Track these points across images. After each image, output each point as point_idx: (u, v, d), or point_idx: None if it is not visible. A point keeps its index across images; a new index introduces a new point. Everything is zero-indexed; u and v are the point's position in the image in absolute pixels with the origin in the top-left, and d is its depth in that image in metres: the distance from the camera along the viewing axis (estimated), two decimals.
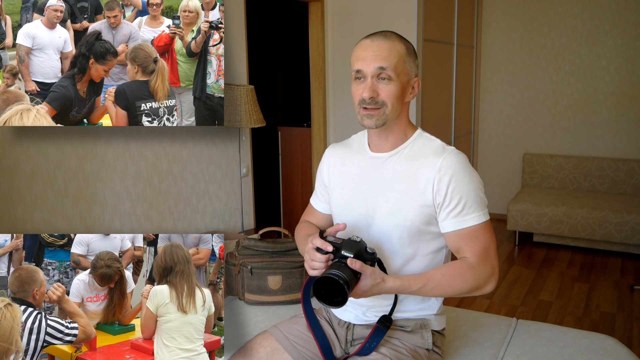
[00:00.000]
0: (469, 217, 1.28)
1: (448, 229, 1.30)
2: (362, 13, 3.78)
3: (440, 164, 1.29)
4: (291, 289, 2.01)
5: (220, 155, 3.18)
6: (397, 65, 1.27)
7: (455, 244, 1.31)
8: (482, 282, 1.28)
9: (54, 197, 2.36)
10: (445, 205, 1.28)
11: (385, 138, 1.37)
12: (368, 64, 1.27)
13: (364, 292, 1.20)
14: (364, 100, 1.28)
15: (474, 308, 3.19)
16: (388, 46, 1.28)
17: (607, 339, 1.64)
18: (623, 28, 4.37)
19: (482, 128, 5.11)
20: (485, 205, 1.31)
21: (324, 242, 1.23)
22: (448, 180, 1.27)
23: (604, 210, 3.97)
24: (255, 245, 2.08)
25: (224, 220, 3.26)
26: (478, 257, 1.28)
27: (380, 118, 1.29)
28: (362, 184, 1.39)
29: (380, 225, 1.34)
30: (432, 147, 1.35)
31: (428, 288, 1.26)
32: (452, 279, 1.26)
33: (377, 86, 1.27)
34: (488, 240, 1.29)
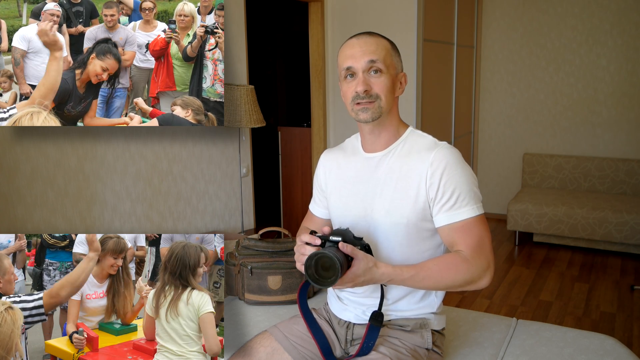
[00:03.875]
0: (462, 210, 1.28)
1: (442, 223, 1.30)
2: (362, 13, 3.78)
3: (432, 158, 1.29)
4: (291, 289, 2.01)
5: (220, 155, 3.18)
6: (386, 58, 1.31)
7: (449, 238, 1.30)
8: (476, 275, 1.27)
9: (54, 197, 2.36)
10: (438, 199, 1.28)
11: (378, 135, 1.38)
12: (358, 60, 1.30)
13: (356, 276, 1.18)
14: (358, 95, 1.30)
15: (474, 308, 3.19)
16: (374, 41, 1.32)
17: (607, 339, 1.64)
18: (623, 28, 4.37)
19: (482, 128, 5.11)
20: (480, 200, 1.31)
21: (312, 236, 1.23)
22: (440, 173, 1.28)
23: (604, 210, 3.97)
24: (255, 245, 2.08)
25: (224, 220, 3.26)
26: (472, 250, 1.27)
27: (375, 111, 1.31)
28: (358, 185, 1.39)
29: (378, 224, 1.34)
30: (424, 143, 1.35)
31: (420, 277, 1.24)
32: (444, 270, 1.25)
33: (369, 80, 1.30)
34: (482, 234, 1.29)
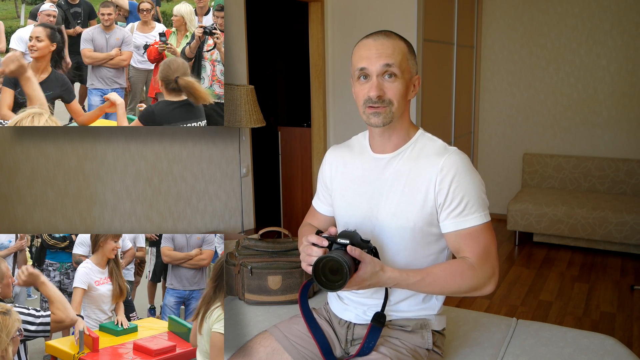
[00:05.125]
0: (470, 218, 1.28)
1: (449, 229, 1.30)
2: (362, 13, 3.78)
3: (442, 164, 1.28)
4: (291, 289, 2.01)
5: (220, 155, 3.18)
6: (402, 63, 1.28)
7: (456, 245, 1.30)
8: (482, 283, 1.27)
9: (54, 197, 2.36)
10: (446, 205, 1.28)
11: (388, 138, 1.36)
12: (373, 62, 1.27)
13: (362, 280, 1.18)
14: (370, 99, 1.28)
15: (474, 308, 3.19)
16: (391, 44, 1.28)
17: (607, 339, 1.64)
18: (623, 28, 4.37)
19: (482, 128, 5.11)
20: (487, 206, 1.31)
21: (319, 237, 1.23)
22: (450, 179, 1.27)
23: (604, 210, 3.97)
24: (255, 245, 2.08)
25: (224, 220, 3.26)
26: (478, 257, 1.27)
27: (387, 116, 1.29)
28: (364, 186, 1.38)
29: (383, 226, 1.33)
30: (434, 147, 1.34)
31: (426, 282, 1.25)
32: (450, 276, 1.26)
33: (383, 84, 1.28)
34: (489, 242, 1.29)
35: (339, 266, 1.13)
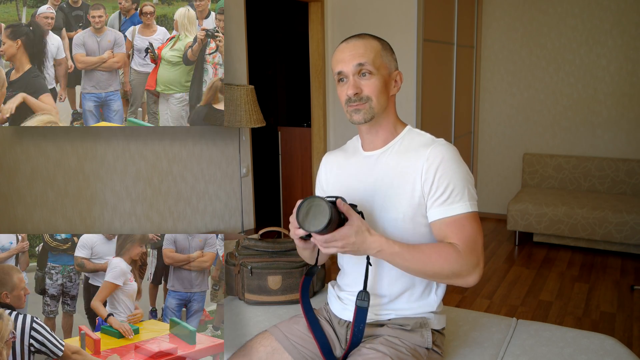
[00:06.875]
0: (456, 206, 1.28)
1: (435, 217, 1.29)
2: (362, 13, 3.78)
3: (428, 154, 1.30)
4: (291, 289, 2.01)
5: (220, 155, 3.18)
6: (375, 60, 1.32)
7: (442, 232, 1.29)
8: (465, 270, 1.25)
9: (54, 197, 2.36)
10: (432, 193, 1.29)
11: (375, 134, 1.40)
12: (347, 64, 1.32)
13: (347, 236, 1.16)
14: (350, 98, 1.33)
15: (474, 308, 3.19)
16: (363, 44, 1.33)
17: (607, 339, 1.64)
18: (623, 28, 4.37)
19: (482, 128, 5.11)
20: (474, 199, 1.30)
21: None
22: (435, 168, 1.29)
23: (604, 210, 3.97)
24: (255, 245, 2.08)
25: (224, 220, 3.26)
26: (465, 244, 1.26)
27: (367, 112, 1.33)
28: (358, 184, 1.41)
29: (377, 221, 1.35)
30: (421, 140, 1.37)
31: (409, 255, 1.23)
32: (435, 255, 1.24)
33: (360, 83, 1.32)
34: (475, 231, 1.28)
35: (322, 210, 1.11)
